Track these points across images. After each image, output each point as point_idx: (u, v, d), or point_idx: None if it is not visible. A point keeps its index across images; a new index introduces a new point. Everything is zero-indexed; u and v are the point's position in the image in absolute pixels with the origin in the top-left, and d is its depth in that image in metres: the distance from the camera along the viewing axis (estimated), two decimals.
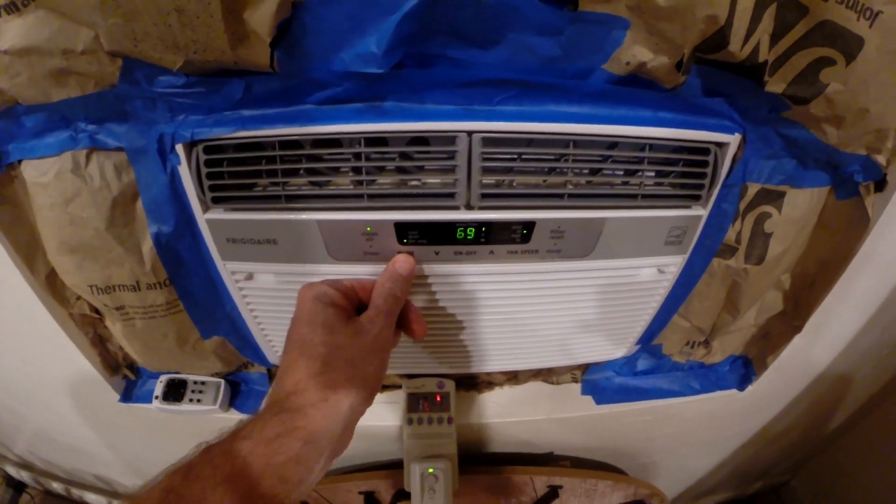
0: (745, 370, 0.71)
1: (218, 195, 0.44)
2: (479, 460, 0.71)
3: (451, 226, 0.44)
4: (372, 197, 0.42)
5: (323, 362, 0.36)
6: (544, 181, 0.44)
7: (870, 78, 0.39)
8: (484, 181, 0.42)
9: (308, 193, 0.43)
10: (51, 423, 0.92)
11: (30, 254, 0.53)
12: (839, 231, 0.53)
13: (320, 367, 0.36)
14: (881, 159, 0.46)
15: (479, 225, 0.44)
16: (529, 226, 0.45)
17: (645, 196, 0.46)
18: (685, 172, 0.46)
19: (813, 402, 0.87)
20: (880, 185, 0.49)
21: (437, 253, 0.46)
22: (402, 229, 0.44)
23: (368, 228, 0.44)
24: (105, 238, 0.48)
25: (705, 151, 0.45)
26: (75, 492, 1.35)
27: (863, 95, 0.41)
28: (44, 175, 0.45)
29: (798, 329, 0.61)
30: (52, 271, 0.55)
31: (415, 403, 0.62)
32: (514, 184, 0.44)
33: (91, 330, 0.64)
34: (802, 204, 0.50)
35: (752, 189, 0.49)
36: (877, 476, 1.05)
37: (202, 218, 0.46)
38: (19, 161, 0.45)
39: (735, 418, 0.84)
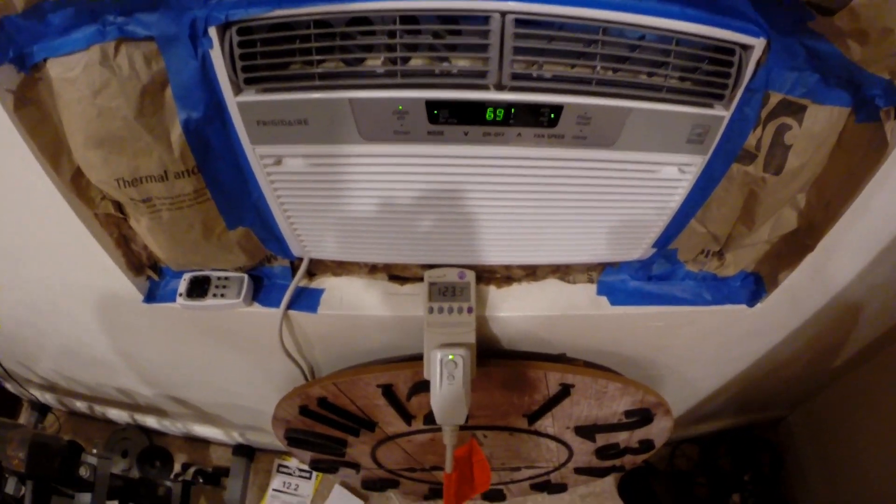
0: (755, 287, 0.73)
1: (250, 76, 0.44)
2: (494, 356, 0.74)
3: (482, 106, 0.44)
4: (405, 75, 0.43)
5: None
6: (573, 66, 0.44)
7: None
8: (515, 62, 0.43)
9: (341, 72, 0.44)
10: (74, 335, 0.95)
11: (55, 154, 0.54)
12: (857, 154, 0.53)
13: None
14: None
15: (508, 106, 0.45)
16: (557, 110, 0.45)
17: (670, 90, 0.46)
18: (710, 71, 0.46)
19: (818, 333, 0.89)
20: None
21: (465, 133, 0.46)
22: (433, 108, 0.44)
23: (400, 107, 0.44)
24: (134, 127, 0.49)
25: (730, 52, 0.45)
26: (98, 409, 1.42)
27: (886, 13, 0.40)
28: (71, 70, 0.45)
29: (810, 248, 0.62)
30: (78, 171, 0.56)
31: (436, 293, 0.64)
32: (543, 67, 0.44)
33: (115, 230, 0.65)
34: (822, 120, 0.50)
35: (775, 98, 0.49)
36: (872, 421, 1.09)
37: (233, 101, 0.46)
38: (44, 60, 0.46)
39: (742, 337, 0.86)
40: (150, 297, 0.72)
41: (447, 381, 0.58)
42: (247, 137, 0.49)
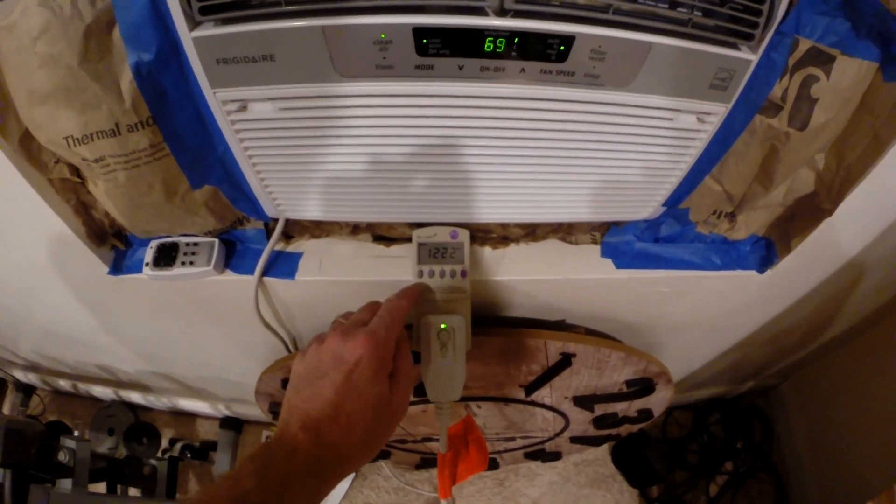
0: (766, 252, 0.69)
1: (206, 4, 0.38)
2: (489, 324, 0.69)
3: (480, 34, 0.38)
4: None
5: (362, 441, 0.40)
6: None
7: None
8: None
9: None
10: (48, 314, 0.90)
11: (1, 116, 0.48)
12: (881, 116, 0.49)
13: (359, 445, 0.40)
14: None
15: (511, 35, 0.38)
16: (568, 41, 0.39)
17: (696, 25, 0.41)
18: (739, 6, 0.41)
19: (821, 304, 0.87)
20: None
21: (460, 67, 0.40)
22: (422, 36, 0.38)
23: (382, 35, 0.38)
24: (79, 76, 0.43)
25: None
26: (82, 387, 1.39)
27: None
28: (8, 16, 0.40)
29: (829, 213, 0.58)
30: (26, 133, 0.50)
31: (425, 254, 0.58)
32: None
33: (73, 196, 0.59)
34: (850, 74, 0.46)
35: (804, 45, 0.45)
36: (861, 393, 1.10)
37: (188, 38, 0.40)
38: None
39: (747, 305, 0.82)
40: (116, 269, 0.66)
41: (440, 353, 0.53)
42: (206, 80, 0.42)
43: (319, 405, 0.39)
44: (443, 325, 0.53)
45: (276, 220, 0.62)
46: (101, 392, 1.40)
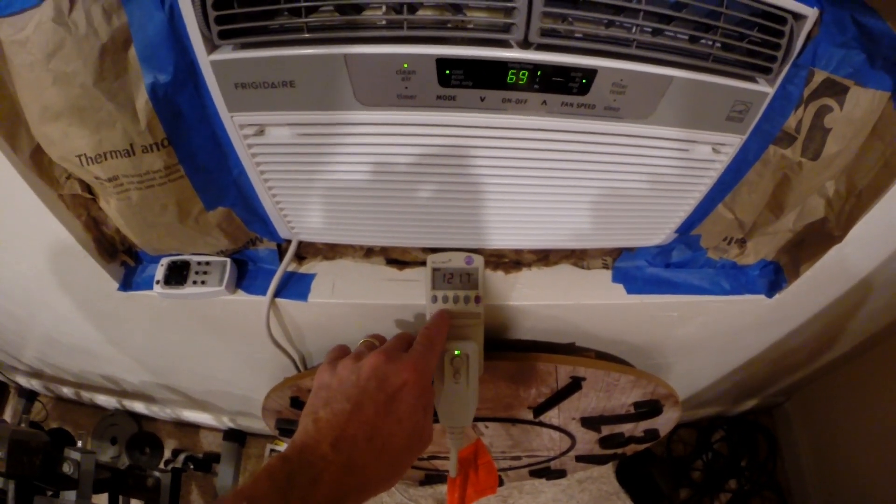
0: (775, 277, 0.69)
1: (226, 28, 0.38)
2: (499, 347, 0.69)
3: (503, 66, 0.38)
4: (412, 26, 0.36)
5: (391, 465, 0.38)
6: (609, 24, 0.38)
7: None
8: (545, 16, 0.36)
9: (335, 23, 0.37)
10: (52, 324, 0.90)
11: (11, 130, 0.48)
12: (893, 142, 0.49)
13: (387, 469, 0.38)
14: None
15: (534, 68, 0.38)
16: (590, 75, 0.39)
17: (716, 59, 0.41)
18: (758, 41, 0.41)
19: (827, 325, 0.87)
20: None
21: (482, 99, 0.40)
22: (445, 67, 0.38)
23: (405, 65, 0.38)
24: (93, 95, 0.42)
25: (782, 21, 0.40)
26: (85, 395, 1.39)
27: None
28: (21, 30, 0.39)
29: (839, 239, 0.59)
30: (38, 148, 0.50)
31: (440, 279, 0.57)
32: (575, 24, 0.38)
33: (84, 212, 0.59)
34: (864, 104, 0.46)
35: (819, 76, 0.45)
36: (865, 411, 1.10)
37: (206, 60, 0.40)
38: None
39: (754, 327, 0.82)
40: (126, 285, 0.66)
41: (453, 380, 0.52)
42: (223, 104, 0.42)
43: (356, 423, 0.37)
44: (457, 352, 0.52)
45: (289, 242, 0.61)
46: (105, 401, 1.39)
